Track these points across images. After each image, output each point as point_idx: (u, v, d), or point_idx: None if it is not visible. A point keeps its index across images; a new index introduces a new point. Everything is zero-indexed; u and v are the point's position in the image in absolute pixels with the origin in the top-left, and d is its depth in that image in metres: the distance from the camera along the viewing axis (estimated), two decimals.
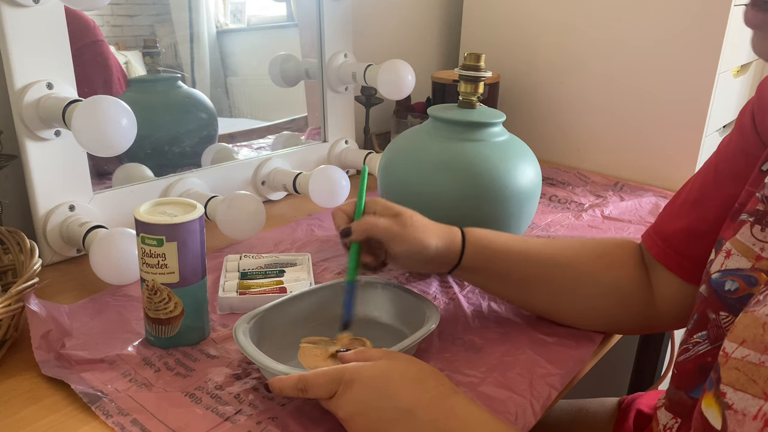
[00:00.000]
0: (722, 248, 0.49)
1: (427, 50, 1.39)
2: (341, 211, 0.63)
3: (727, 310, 0.47)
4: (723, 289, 0.47)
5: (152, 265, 0.58)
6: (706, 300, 0.50)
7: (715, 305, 0.48)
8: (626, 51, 1.11)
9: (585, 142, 1.21)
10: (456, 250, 0.63)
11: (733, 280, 0.47)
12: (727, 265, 0.48)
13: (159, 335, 0.61)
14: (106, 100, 0.66)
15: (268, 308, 0.61)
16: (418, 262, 0.62)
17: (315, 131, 1.12)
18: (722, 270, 0.48)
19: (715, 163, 0.59)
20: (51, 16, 0.71)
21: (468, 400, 0.48)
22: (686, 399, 0.52)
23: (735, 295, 0.47)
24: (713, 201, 0.57)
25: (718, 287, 0.48)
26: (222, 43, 1.01)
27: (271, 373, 0.52)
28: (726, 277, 0.47)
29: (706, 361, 0.50)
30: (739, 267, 0.47)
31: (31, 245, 0.65)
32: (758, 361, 0.36)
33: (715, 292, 0.48)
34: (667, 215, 0.63)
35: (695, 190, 0.60)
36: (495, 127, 0.78)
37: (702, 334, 0.50)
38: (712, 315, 0.49)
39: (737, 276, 0.47)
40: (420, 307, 0.64)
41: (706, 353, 0.50)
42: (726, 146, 0.58)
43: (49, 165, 0.74)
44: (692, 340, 0.51)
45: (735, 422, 0.36)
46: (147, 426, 0.50)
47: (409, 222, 0.61)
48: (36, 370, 0.57)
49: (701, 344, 0.50)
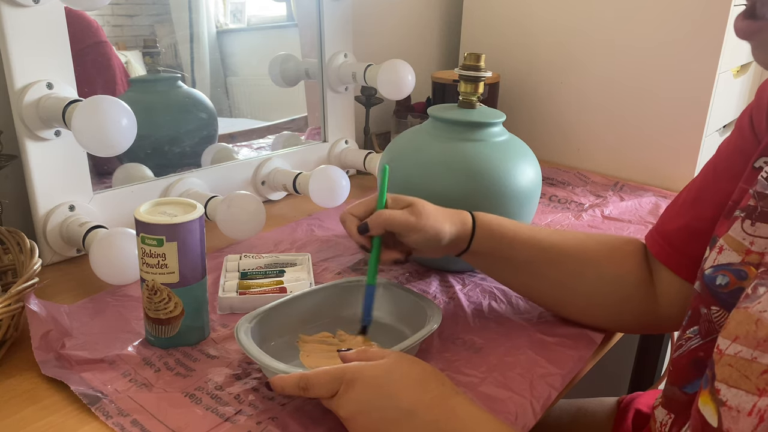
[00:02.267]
0: (716, 245, 0.49)
1: (427, 50, 1.39)
2: (350, 214, 0.64)
3: (718, 304, 0.48)
4: (714, 283, 0.48)
5: (152, 265, 0.58)
6: (699, 295, 0.50)
7: (707, 300, 0.49)
8: (626, 51, 1.11)
9: (585, 142, 1.21)
10: (467, 234, 0.64)
11: (723, 275, 0.47)
12: (719, 261, 0.48)
13: (159, 335, 0.61)
14: (106, 100, 0.66)
15: (269, 308, 0.61)
16: (433, 249, 0.64)
17: (315, 131, 1.12)
18: (714, 265, 0.48)
19: (714, 163, 0.60)
20: (51, 16, 0.71)
21: (469, 400, 0.48)
22: (680, 395, 0.53)
23: (726, 290, 0.47)
24: (710, 199, 0.57)
25: (710, 282, 0.48)
26: (222, 43, 1.01)
27: (273, 372, 0.52)
28: (717, 272, 0.48)
29: (699, 355, 0.50)
30: (730, 261, 0.47)
31: (31, 245, 0.65)
32: (750, 357, 0.36)
33: (707, 287, 0.49)
34: (669, 215, 0.63)
35: (695, 189, 0.61)
36: (495, 127, 0.78)
37: (694, 329, 0.51)
38: (703, 310, 0.49)
39: (728, 270, 0.47)
40: (421, 306, 0.64)
41: (698, 348, 0.50)
42: (725, 147, 0.59)
43: (49, 165, 0.74)
44: (685, 335, 0.52)
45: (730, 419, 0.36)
46: (147, 426, 0.50)
47: (423, 211, 0.62)
48: (36, 370, 0.57)
49: (693, 339, 0.51)
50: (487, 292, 0.75)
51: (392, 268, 0.79)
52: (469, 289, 0.75)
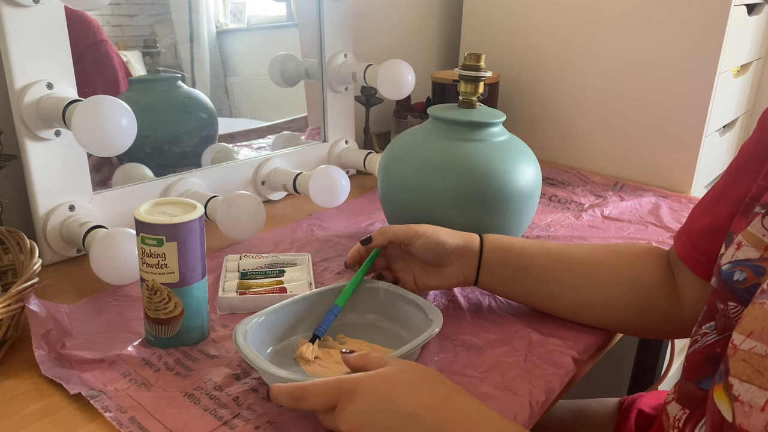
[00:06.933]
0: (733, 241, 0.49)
1: (427, 50, 1.39)
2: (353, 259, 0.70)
3: (735, 300, 0.47)
4: (732, 279, 0.47)
5: (152, 265, 0.58)
6: (715, 291, 0.50)
7: (724, 296, 0.48)
8: (626, 51, 1.11)
9: (585, 142, 1.21)
10: (474, 245, 0.67)
11: (741, 271, 0.47)
12: (737, 256, 0.48)
13: (159, 335, 0.61)
14: (106, 100, 0.66)
15: (268, 312, 0.61)
16: (438, 257, 0.66)
17: (315, 131, 1.12)
18: (732, 261, 0.48)
19: (736, 161, 0.59)
20: (51, 16, 0.71)
21: (474, 399, 0.48)
22: (695, 390, 0.52)
23: (743, 285, 0.47)
24: (730, 197, 0.57)
25: (728, 278, 0.48)
26: (222, 43, 1.01)
27: (272, 377, 0.52)
28: (735, 268, 0.47)
29: (715, 351, 0.50)
30: (748, 257, 0.47)
31: (31, 245, 0.65)
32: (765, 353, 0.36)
33: (725, 282, 0.48)
34: (694, 214, 0.63)
35: (718, 188, 0.60)
36: (495, 127, 0.78)
37: (710, 324, 0.50)
38: (720, 305, 0.49)
39: (746, 266, 0.47)
40: (422, 310, 0.63)
41: (714, 344, 0.50)
42: (747, 145, 0.59)
43: (49, 165, 0.74)
44: (701, 331, 0.51)
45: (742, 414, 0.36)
46: (144, 425, 0.50)
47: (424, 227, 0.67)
48: (36, 370, 0.57)
49: (709, 335, 0.50)
50: (486, 293, 0.75)
51: None
52: (468, 290, 0.75)
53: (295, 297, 0.64)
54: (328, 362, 0.60)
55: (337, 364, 0.59)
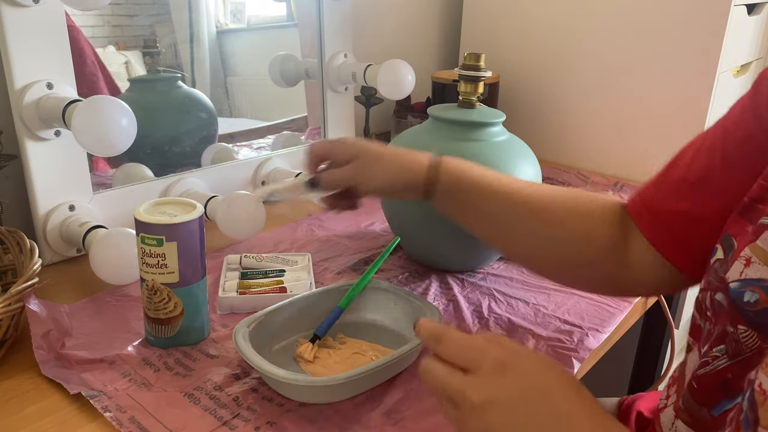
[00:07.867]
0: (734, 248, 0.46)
1: (427, 50, 1.39)
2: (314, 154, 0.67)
3: (746, 323, 0.44)
4: (742, 300, 0.44)
5: (152, 265, 0.58)
6: (725, 312, 0.46)
7: (734, 318, 0.45)
8: (626, 51, 1.11)
9: (585, 142, 1.21)
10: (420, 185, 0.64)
11: (753, 291, 0.43)
12: (747, 274, 0.44)
13: (159, 335, 0.61)
14: (106, 100, 0.66)
15: (268, 312, 0.61)
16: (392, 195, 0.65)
17: (315, 131, 1.12)
18: (741, 279, 0.44)
19: (723, 147, 0.53)
20: (51, 16, 0.71)
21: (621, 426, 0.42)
22: (707, 417, 0.49)
23: (755, 308, 0.43)
24: (719, 187, 0.52)
25: (737, 297, 0.44)
26: (222, 43, 1.01)
27: (271, 378, 0.52)
28: (746, 288, 0.44)
29: (727, 377, 0.46)
30: (760, 277, 0.43)
31: (31, 245, 0.65)
32: None
33: (734, 302, 0.45)
34: (660, 190, 0.58)
35: (698, 170, 0.55)
36: (495, 127, 0.78)
37: (721, 348, 0.47)
38: (730, 329, 0.46)
39: (758, 287, 0.43)
40: (421, 310, 0.64)
41: (726, 369, 0.47)
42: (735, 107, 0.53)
43: (49, 165, 0.74)
44: (712, 353, 0.48)
45: None
46: (144, 425, 0.50)
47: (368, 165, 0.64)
48: (36, 370, 0.57)
49: (720, 359, 0.47)
50: (487, 293, 0.75)
51: (392, 269, 0.79)
52: (469, 291, 0.75)
53: (295, 297, 0.64)
54: (328, 362, 0.60)
55: (337, 364, 0.59)
